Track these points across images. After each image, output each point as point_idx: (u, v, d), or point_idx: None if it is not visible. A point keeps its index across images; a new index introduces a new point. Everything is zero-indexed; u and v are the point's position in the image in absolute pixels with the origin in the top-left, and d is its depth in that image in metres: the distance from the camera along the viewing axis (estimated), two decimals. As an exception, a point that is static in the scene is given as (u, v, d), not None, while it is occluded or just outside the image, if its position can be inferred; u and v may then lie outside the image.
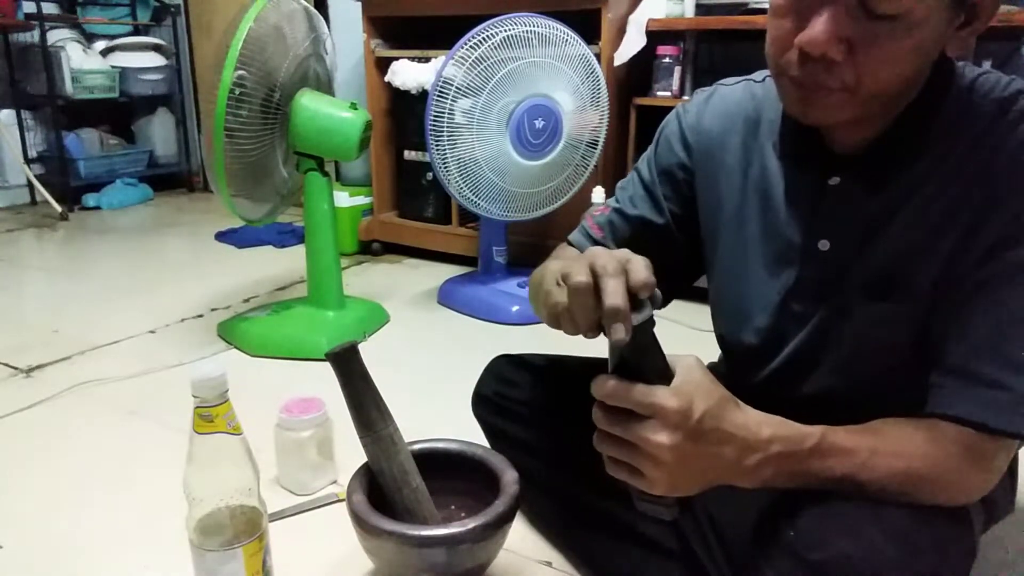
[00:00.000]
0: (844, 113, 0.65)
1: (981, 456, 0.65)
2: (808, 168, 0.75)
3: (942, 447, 0.65)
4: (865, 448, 0.65)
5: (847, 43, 0.60)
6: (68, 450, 1.32)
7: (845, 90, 0.63)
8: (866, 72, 0.61)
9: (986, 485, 0.68)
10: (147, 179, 3.74)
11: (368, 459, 0.89)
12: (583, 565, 0.99)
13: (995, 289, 0.65)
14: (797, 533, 0.63)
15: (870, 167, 0.70)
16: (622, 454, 0.64)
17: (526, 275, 2.13)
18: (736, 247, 0.83)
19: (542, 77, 1.86)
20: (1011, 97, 0.66)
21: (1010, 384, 0.63)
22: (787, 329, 0.79)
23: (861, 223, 0.71)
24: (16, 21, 3.17)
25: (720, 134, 0.83)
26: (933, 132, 0.68)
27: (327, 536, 1.06)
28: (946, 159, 0.67)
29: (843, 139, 0.72)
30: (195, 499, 0.75)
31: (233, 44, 1.50)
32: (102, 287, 2.33)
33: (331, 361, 0.85)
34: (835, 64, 0.61)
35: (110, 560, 1.03)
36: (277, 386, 1.56)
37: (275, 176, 1.76)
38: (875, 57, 0.61)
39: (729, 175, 0.83)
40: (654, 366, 0.62)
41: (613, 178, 2.20)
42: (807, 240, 0.75)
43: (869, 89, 0.63)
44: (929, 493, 0.65)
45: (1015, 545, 1.03)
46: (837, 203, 0.73)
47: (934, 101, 0.68)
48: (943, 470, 0.65)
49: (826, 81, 0.63)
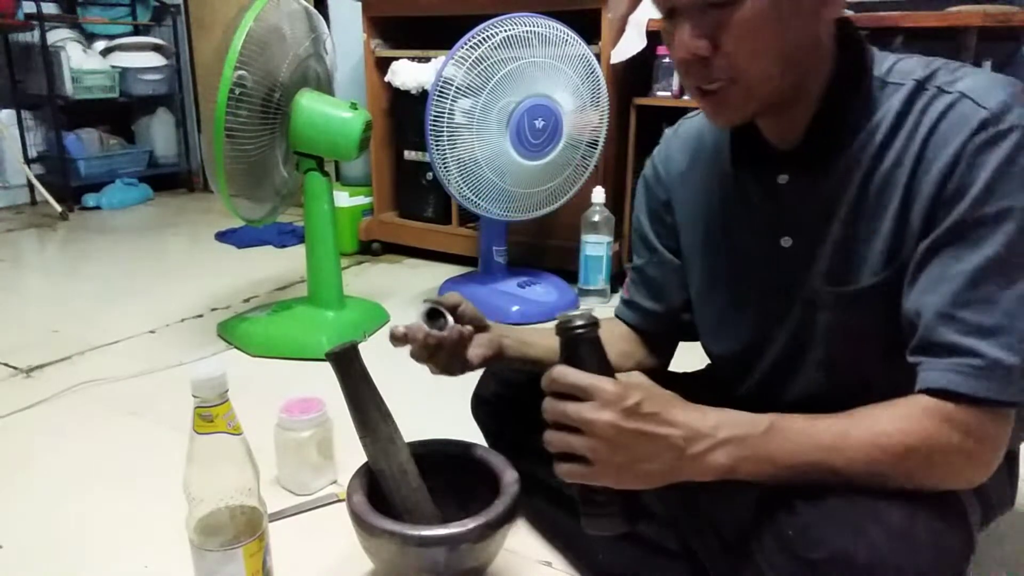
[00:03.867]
0: (745, 105, 0.69)
1: (961, 427, 0.63)
2: (759, 173, 0.78)
3: (918, 421, 0.63)
4: (832, 429, 0.64)
5: (708, 39, 0.66)
6: (68, 450, 1.32)
7: (731, 82, 0.67)
8: (736, 56, 0.66)
9: (976, 461, 0.64)
10: (147, 179, 3.75)
11: (368, 459, 0.89)
12: (583, 565, 0.99)
13: (944, 257, 0.65)
14: (795, 531, 0.63)
15: (809, 159, 0.73)
16: (568, 442, 0.66)
17: (526, 275, 2.14)
18: (709, 266, 0.87)
19: (542, 77, 1.86)
20: (930, 74, 0.68)
21: (976, 349, 0.62)
22: (767, 331, 0.81)
23: (814, 214, 0.74)
24: (16, 21, 3.17)
25: (686, 163, 0.89)
26: (856, 114, 0.71)
27: (327, 536, 1.06)
28: (873, 137, 0.70)
29: (779, 137, 0.76)
30: (195, 499, 0.75)
31: (233, 44, 1.50)
32: (102, 287, 2.33)
33: (331, 361, 0.85)
34: (709, 61, 0.67)
35: (110, 560, 1.03)
36: (277, 386, 1.56)
37: (275, 176, 1.76)
38: (736, 40, 0.65)
39: (696, 199, 0.87)
40: (599, 371, 0.68)
41: (613, 178, 2.20)
42: (771, 241, 0.78)
43: (748, 73, 0.67)
44: (915, 473, 0.63)
45: (1014, 544, 1.04)
46: (790, 199, 0.76)
47: (851, 84, 0.71)
48: (923, 444, 0.63)
49: (710, 78, 0.68)
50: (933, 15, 1.74)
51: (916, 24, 1.74)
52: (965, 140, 0.64)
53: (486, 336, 0.89)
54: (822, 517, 0.63)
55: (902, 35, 1.88)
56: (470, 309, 0.88)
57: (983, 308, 0.63)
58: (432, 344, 0.83)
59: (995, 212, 0.62)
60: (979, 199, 0.63)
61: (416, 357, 0.85)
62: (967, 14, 1.72)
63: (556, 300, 2.05)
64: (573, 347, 0.69)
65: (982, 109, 0.64)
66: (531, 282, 2.11)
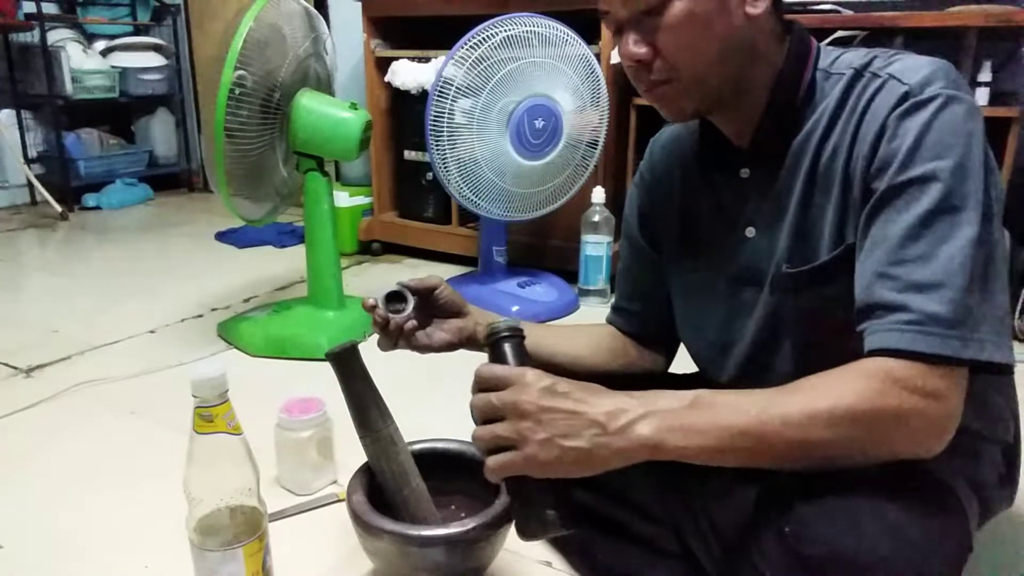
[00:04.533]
0: (685, 100, 0.76)
1: (904, 385, 0.61)
2: (724, 168, 0.83)
3: (858, 383, 0.62)
4: (763, 399, 0.64)
5: (648, 45, 0.73)
6: (68, 450, 1.32)
7: (671, 80, 0.74)
8: (672, 56, 0.73)
9: (926, 422, 0.61)
10: (147, 179, 3.75)
11: (368, 459, 0.89)
12: (583, 565, 0.99)
13: (878, 223, 0.67)
14: (792, 528, 0.63)
15: (763, 152, 0.79)
16: (493, 431, 0.68)
17: (526, 275, 2.14)
18: (685, 262, 0.90)
19: (542, 77, 1.86)
20: (867, 62, 0.73)
21: (912, 304, 0.62)
22: (742, 321, 0.84)
23: (772, 203, 0.78)
24: (16, 21, 3.17)
25: (666, 165, 0.93)
26: (802, 106, 0.76)
27: (327, 536, 1.06)
28: (818, 125, 0.74)
29: (736, 134, 0.81)
30: (195, 499, 0.75)
31: (233, 44, 1.50)
32: (102, 287, 2.33)
33: (331, 361, 0.85)
34: (650, 63, 0.74)
35: (110, 560, 1.03)
36: (277, 386, 1.56)
37: (275, 176, 1.76)
38: (668, 42, 0.72)
39: (674, 199, 0.91)
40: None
41: (613, 178, 2.20)
42: (737, 232, 0.83)
43: (683, 70, 0.73)
44: (860, 438, 0.61)
45: (1014, 544, 1.04)
46: (752, 191, 0.81)
47: (796, 79, 0.76)
48: (864, 405, 0.61)
49: (653, 77, 0.75)
50: (933, 15, 1.74)
51: (916, 24, 1.75)
52: (888, 113, 0.68)
53: (457, 323, 0.92)
54: (819, 514, 0.63)
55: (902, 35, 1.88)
56: (446, 294, 0.92)
57: (916, 265, 0.64)
58: (380, 323, 0.88)
59: (919, 174, 0.65)
60: (903, 164, 0.66)
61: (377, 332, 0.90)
62: (967, 14, 1.72)
63: (556, 300, 2.05)
64: (498, 349, 0.76)
65: (904, 85, 0.68)
66: (531, 282, 2.11)
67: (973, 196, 0.64)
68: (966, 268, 0.63)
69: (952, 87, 0.67)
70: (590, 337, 1.02)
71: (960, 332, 0.62)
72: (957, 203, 0.64)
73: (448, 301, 0.92)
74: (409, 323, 0.88)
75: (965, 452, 0.77)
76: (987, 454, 0.80)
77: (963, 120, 0.66)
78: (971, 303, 0.62)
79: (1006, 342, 0.64)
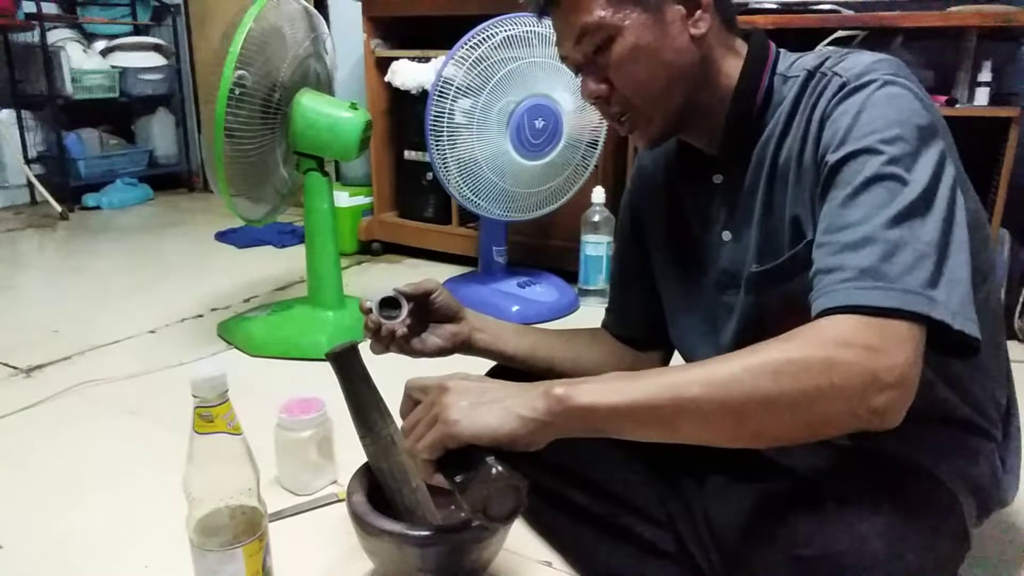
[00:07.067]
0: (649, 126, 0.80)
1: (842, 340, 0.58)
2: (698, 176, 0.86)
3: (794, 339, 0.60)
4: (696, 365, 0.63)
5: (604, 82, 0.78)
6: (68, 450, 1.32)
7: (630, 108, 0.79)
8: (627, 88, 0.78)
9: (872, 375, 0.57)
10: (147, 179, 3.75)
11: (368, 459, 0.89)
12: (583, 565, 0.99)
13: (824, 205, 0.68)
14: (788, 529, 0.63)
15: (731, 157, 0.81)
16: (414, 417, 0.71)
17: (526, 275, 2.14)
18: (669, 266, 0.93)
19: (542, 77, 1.86)
20: (820, 63, 0.75)
21: (846, 263, 0.62)
22: (726, 323, 0.85)
23: (742, 205, 0.81)
24: (16, 21, 3.17)
25: (651, 171, 0.96)
26: (760, 111, 0.79)
27: (327, 536, 1.06)
28: (777, 125, 0.77)
29: (706, 144, 0.84)
30: (195, 499, 0.75)
31: (233, 44, 1.50)
32: (102, 287, 2.33)
33: (331, 361, 0.85)
34: (608, 97, 0.79)
35: (110, 559, 1.03)
36: (277, 386, 1.56)
37: (275, 176, 1.76)
38: (622, 75, 0.77)
39: (659, 204, 0.94)
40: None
41: (613, 178, 2.20)
42: (714, 237, 0.85)
43: (641, 97, 0.78)
44: (794, 389, 0.57)
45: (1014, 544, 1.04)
46: (724, 196, 0.84)
47: (753, 86, 0.79)
48: (800, 359, 0.58)
49: (616, 109, 0.80)
50: (933, 15, 1.74)
51: (916, 24, 1.74)
52: (827, 103, 0.71)
53: (451, 328, 0.93)
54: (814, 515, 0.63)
55: (902, 35, 1.88)
56: (442, 299, 0.92)
57: (852, 229, 0.63)
58: (372, 328, 0.88)
59: (855, 149, 0.66)
60: (841, 142, 0.67)
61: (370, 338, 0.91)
62: (967, 14, 1.72)
63: (556, 300, 2.05)
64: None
65: (842, 77, 0.71)
66: (531, 282, 2.11)
67: (916, 165, 0.63)
68: (905, 227, 0.61)
69: (890, 75, 0.68)
70: (589, 341, 1.03)
71: (898, 286, 0.58)
72: (896, 171, 0.63)
73: (444, 306, 0.92)
74: (401, 329, 0.88)
75: (961, 450, 0.77)
76: (983, 451, 0.80)
77: (898, 97, 0.67)
78: (909, 259, 0.59)
79: (967, 313, 0.60)
